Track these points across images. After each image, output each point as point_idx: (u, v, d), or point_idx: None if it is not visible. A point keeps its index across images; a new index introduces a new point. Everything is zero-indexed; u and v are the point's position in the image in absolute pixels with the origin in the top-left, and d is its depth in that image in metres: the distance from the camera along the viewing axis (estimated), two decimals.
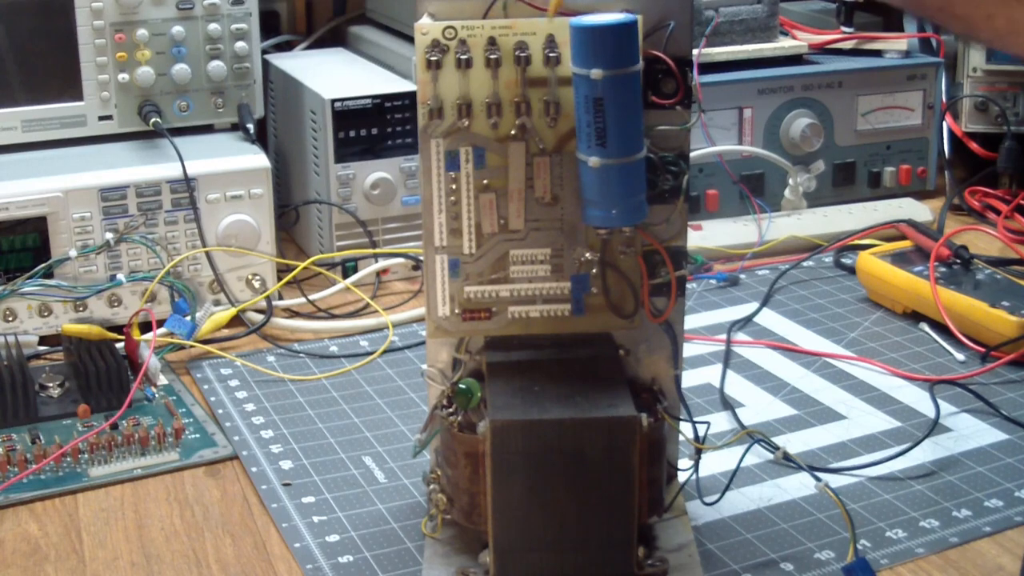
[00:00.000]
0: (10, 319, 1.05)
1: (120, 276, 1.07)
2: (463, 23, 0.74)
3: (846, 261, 1.24)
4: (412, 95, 1.19)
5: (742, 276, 1.22)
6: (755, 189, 1.34)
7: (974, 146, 1.44)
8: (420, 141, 0.75)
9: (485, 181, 0.76)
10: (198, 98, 1.18)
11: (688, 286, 1.16)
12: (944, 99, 1.43)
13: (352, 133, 1.19)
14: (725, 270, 1.22)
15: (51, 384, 0.97)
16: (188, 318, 1.05)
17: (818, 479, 0.76)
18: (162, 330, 1.04)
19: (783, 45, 1.39)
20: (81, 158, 1.12)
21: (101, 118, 1.16)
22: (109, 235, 1.07)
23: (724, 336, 1.08)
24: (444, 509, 0.76)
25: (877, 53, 1.43)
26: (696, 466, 0.80)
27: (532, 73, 0.74)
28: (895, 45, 1.43)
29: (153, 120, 1.14)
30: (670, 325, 0.79)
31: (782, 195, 1.35)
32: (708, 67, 1.32)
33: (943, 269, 1.13)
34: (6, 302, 1.04)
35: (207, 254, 1.10)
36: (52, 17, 1.12)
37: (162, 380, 1.00)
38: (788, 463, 0.85)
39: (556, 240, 0.77)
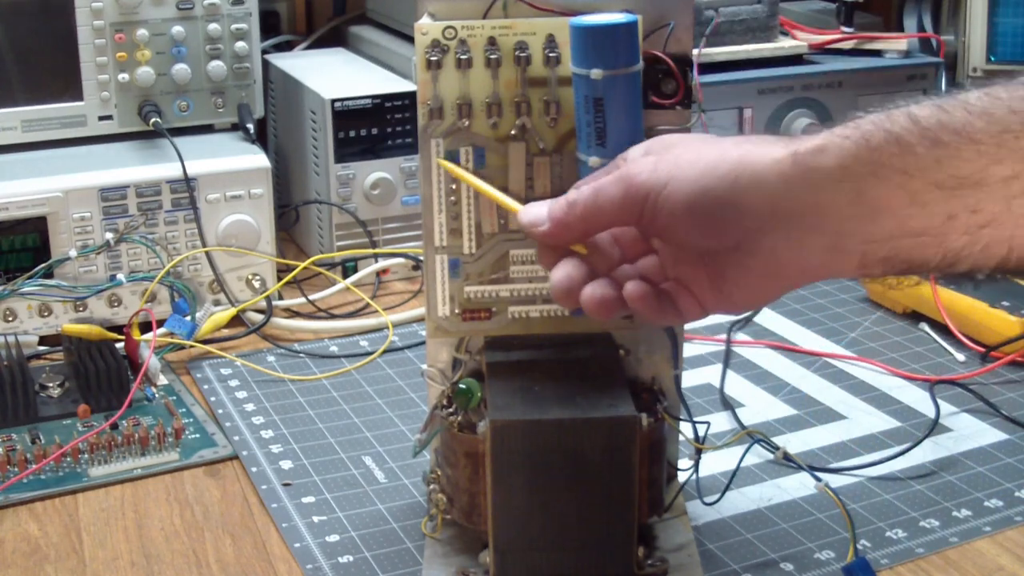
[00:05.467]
0: (10, 319, 1.05)
1: (120, 276, 1.07)
2: (463, 23, 0.74)
3: None
4: (412, 95, 1.19)
5: None
6: None
7: None
8: (420, 141, 0.75)
9: None
10: (198, 98, 1.18)
11: None
12: None
13: (352, 133, 1.19)
14: None
15: (51, 384, 0.97)
16: (188, 318, 1.05)
17: (818, 479, 0.76)
18: (162, 330, 1.04)
19: (783, 45, 1.39)
20: (81, 158, 1.12)
21: (101, 118, 1.15)
22: (109, 235, 1.07)
23: (724, 336, 1.08)
24: (444, 509, 0.76)
25: (877, 53, 1.42)
26: (696, 466, 0.80)
27: (532, 73, 0.74)
28: (895, 45, 1.42)
29: (153, 120, 1.14)
30: (670, 325, 0.79)
31: None
32: (708, 67, 1.32)
33: None
34: (6, 302, 1.04)
35: (207, 254, 1.10)
36: (52, 17, 1.12)
37: (162, 380, 1.00)
38: (788, 463, 0.85)
39: None
